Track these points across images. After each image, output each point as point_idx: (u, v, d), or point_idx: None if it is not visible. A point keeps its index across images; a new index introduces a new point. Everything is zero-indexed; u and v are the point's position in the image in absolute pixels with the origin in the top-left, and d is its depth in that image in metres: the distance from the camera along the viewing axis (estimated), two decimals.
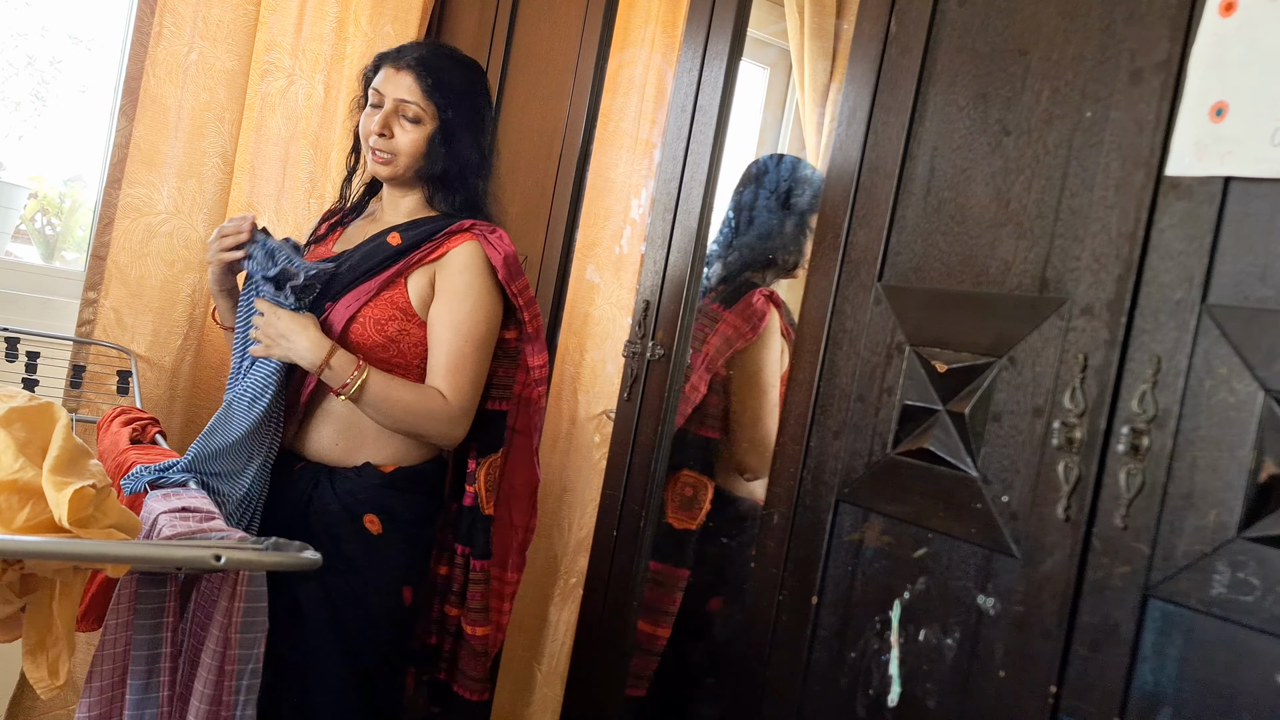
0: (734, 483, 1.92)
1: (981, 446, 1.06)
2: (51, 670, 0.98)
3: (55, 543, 0.91)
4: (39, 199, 2.27)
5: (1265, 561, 0.82)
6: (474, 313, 1.59)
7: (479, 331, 1.59)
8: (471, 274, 1.59)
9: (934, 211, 1.17)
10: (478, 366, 1.59)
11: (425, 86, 1.59)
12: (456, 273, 1.59)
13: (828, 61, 2.18)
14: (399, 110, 1.60)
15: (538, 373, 1.70)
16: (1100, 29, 1.03)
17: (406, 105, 1.59)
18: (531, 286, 1.66)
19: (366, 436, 1.60)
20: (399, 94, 1.60)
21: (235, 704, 1.05)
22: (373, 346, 1.58)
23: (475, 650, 1.70)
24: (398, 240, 1.62)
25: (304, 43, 2.09)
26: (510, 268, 1.61)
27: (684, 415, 1.83)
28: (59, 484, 0.90)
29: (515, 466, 1.72)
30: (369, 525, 1.57)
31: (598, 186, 2.08)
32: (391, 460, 1.62)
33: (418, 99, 1.59)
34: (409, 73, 1.60)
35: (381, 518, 1.58)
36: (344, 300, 1.58)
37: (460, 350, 1.58)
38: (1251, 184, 0.88)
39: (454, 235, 1.61)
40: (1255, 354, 0.85)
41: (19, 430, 0.92)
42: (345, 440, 1.61)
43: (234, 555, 1.02)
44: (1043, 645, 0.98)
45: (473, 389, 1.59)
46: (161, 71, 1.94)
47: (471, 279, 1.59)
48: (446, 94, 1.60)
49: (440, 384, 1.57)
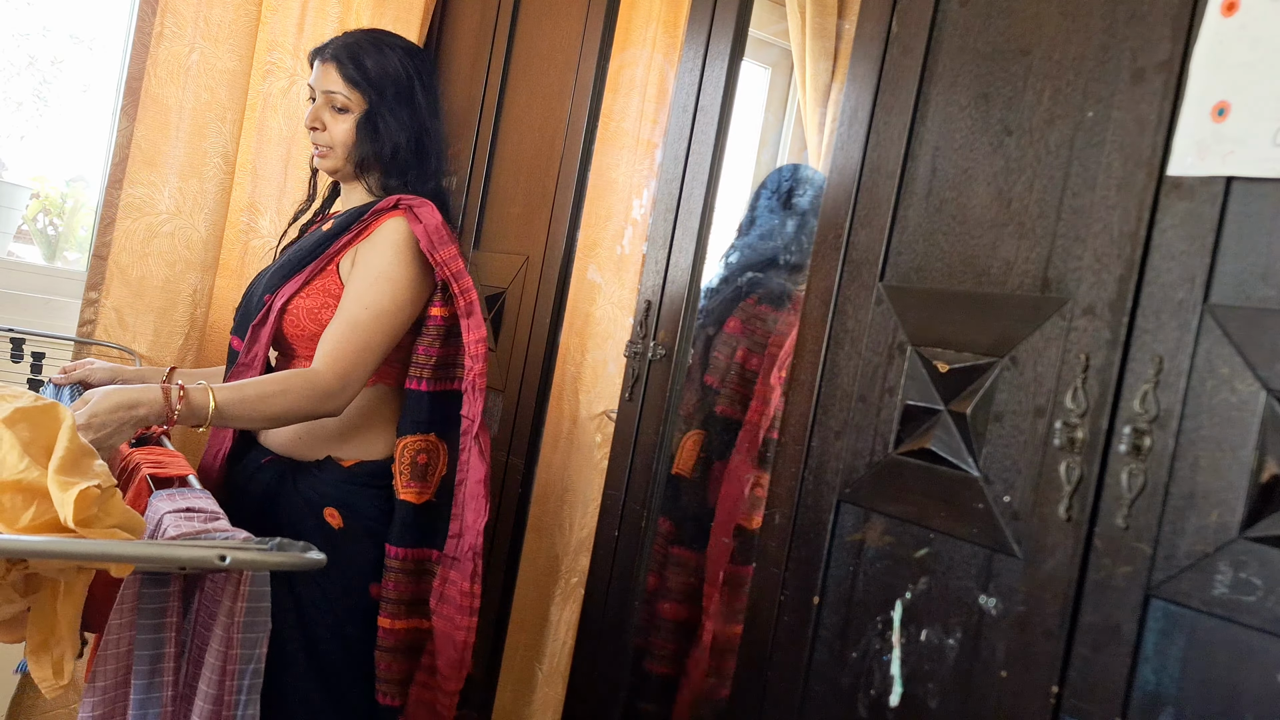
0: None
1: (983, 446, 1.06)
2: (56, 670, 0.98)
3: (59, 542, 0.91)
4: (41, 199, 2.27)
5: (1267, 561, 0.82)
6: (378, 282, 1.53)
7: (382, 303, 1.52)
8: (387, 246, 1.55)
9: (935, 211, 1.17)
10: (367, 337, 1.50)
11: (346, 74, 1.59)
12: (373, 246, 1.56)
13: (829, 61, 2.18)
14: (328, 102, 1.61)
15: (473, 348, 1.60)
16: (1102, 29, 1.03)
17: (332, 96, 1.60)
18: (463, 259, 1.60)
19: (329, 431, 1.59)
20: (324, 85, 1.61)
21: (237, 703, 1.05)
22: (310, 337, 1.56)
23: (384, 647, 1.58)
24: (329, 226, 1.62)
25: (305, 43, 2.09)
26: (433, 236, 1.56)
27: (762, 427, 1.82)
28: (64, 484, 0.90)
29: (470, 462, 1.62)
30: (329, 519, 1.55)
31: (599, 187, 2.08)
32: (353, 455, 1.60)
33: (340, 87, 1.59)
34: (331, 63, 1.60)
35: (342, 512, 1.56)
36: (279, 292, 1.57)
37: (354, 319, 1.50)
38: (1253, 184, 0.88)
39: (381, 214, 1.59)
40: (1257, 354, 0.85)
41: (24, 430, 0.92)
42: (308, 434, 1.59)
43: (239, 555, 1.02)
44: (1044, 645, 0.98)
45: (354, 359, 1.49)
46: (163, 72, 1.94)
47: (385, 250, 1.55)
48: (369, 78, 1.60)
49: (318, 354, 1.50)
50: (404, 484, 1.58)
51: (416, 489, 1.59)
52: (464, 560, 1.59)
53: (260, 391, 1.43)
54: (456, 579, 1.59)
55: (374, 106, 1.61)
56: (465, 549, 1.59)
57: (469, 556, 1.59)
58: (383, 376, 1.62)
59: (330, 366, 1.47)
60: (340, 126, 1.61)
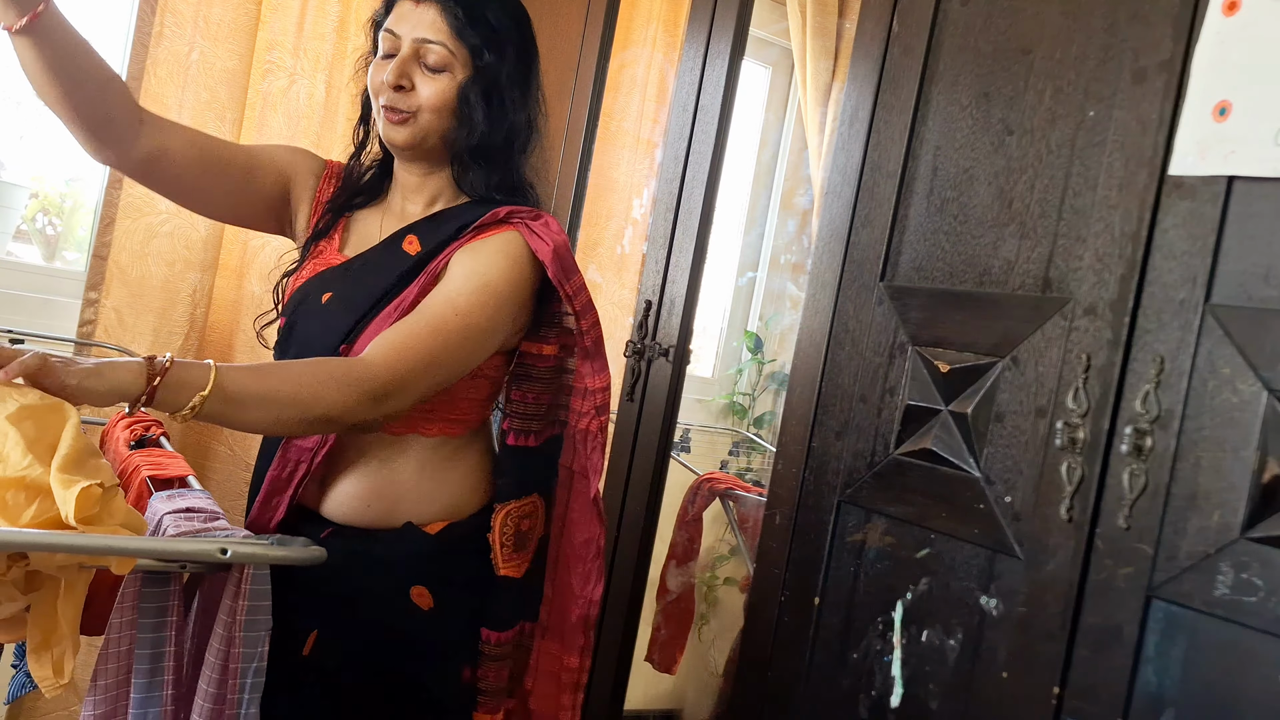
0: None
1: (984, 447, 1.06)
2: (56, 669, 0.98)
3: (60, 536, 0.91)
4: (40, 199, 2.27)
5: (1269, 562, 0.82)
6: (481, 292, 1.19)
7: (478, 316, 1.18)
8: (501, 257, 1.22)
9: (937, 211, 1.17)
10: (445, 347, 1.16)
11: (454, 23, 1.21)
12: (479, 251, 1.23)
13: (830, 61, 2.19)
14: (419, 55, 1.22)
15: (600, 397, 1.31)
16: (1103, 28, 1.03)
17: (429, 47, 1.21)
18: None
19: (403, 489, 1.26)
20: (419, 33, 1.21)
21: (239, 702, 1.06)
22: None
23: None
24: (415, 247, 1.26)
25: (305, 42, 2.08)
26: (563, 261, 1.24)
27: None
28: (66, 482, 0.90)
29: (575, 519, 1.33)
30: (417, 600, 1.25)
31: (599, 186, 2.08)
32: (438, 516, 1.27)
33: (444, 38, 1.21)
34: (433, 5, 1.22)
35: (433, 589, 1.25)
36: (364, 336, 1.22)
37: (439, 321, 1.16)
38: (1255, 183, 0.88)
39: (486, 229, 1.24)
40: (1259, 354, 0.85)
41: (28, 428, 0.92)
42: (376, 496, 1.26)
43: (239, 549, 1.03)
44: (1046, 646, 0.98)
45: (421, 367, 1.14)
46: (162, 71, 1.94)
47: (498, 260, 1.21)
48: (484, 34, 1.22)
49: (373, 346, 1.15)
50: (505, 558, 1.29)
51: (518, 562, 1.31)
52: (572, 633, 1.34)
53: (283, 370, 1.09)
54: (556, 652, 1.35)
55: (484, 72, 1.23)
56: (575, 620, 1.33)
57: (579, 628, 1.34)
58: (472, 420, 1.31)
59: (387, 363, 1.12)
60: (434, 87, 1.22)
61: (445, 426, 1.28)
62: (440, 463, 1.29)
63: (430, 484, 1.27)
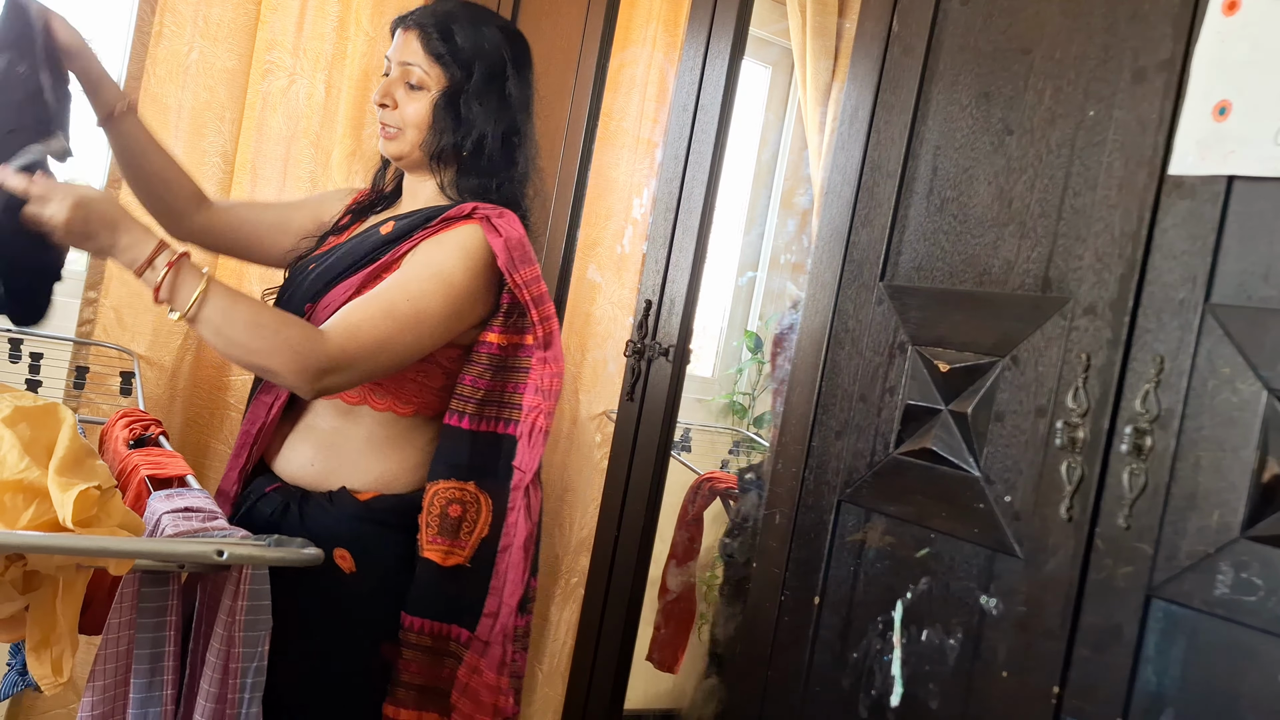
0: None
1: (984, 446, 1.06)
2: (55, 667, 0.98)
3: (58, 537, 0.91)
4: None
5: (1268, 562, 0.82)
6: (433, 280, 1.29)
7: (429, 303, 1.28)
8: (455, 248, 1.32)
9: (936, 211, 1.17)
10: (395, 331, 1.26)
11: (429, 45, 1.36)
12: (439, 244, 1.33)
13: (830, 60, 2.18)
14: (404, 76, 1.38)
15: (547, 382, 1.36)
16: (1103, 28, 1.03)
17: (409, 69, 1.37)
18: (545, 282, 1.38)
19: (347, 457, 1.35)
20: (402, 56, 1.38)
21: (240, 702, 1.05)
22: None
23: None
24: (390, 229, 1.38)
25: (305, 42, 2.08)
26: (514, 252, 1.33)
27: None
28: (64, 484, 0.90)
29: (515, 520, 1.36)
30: (339, 561, 1.30)
31: (599, 186, 2.08)
32: (370, 486, 1.34)
33: (419, 60, 1.36)
34: (414, 31, 1.37)
35: (355, 553, 1.31)
36: (327, 297, 1.34)
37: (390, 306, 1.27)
38: (1255, 183, 0.88)
39: (452, 221, 1.35)
40: (1258, 354, 0.85)
41: (25, 430, 0.92)
42: (323, 461, 1.35)
43: (236, 550, 1.03)
44: (1045, 646, 0.98)
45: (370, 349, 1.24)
46: (162, 71, 1.94)
47: (453, 251, 1.32)
48: (455, 53, 1.36)
49: (333, 320, 1.26)
50: (429, 539, 1.32)
51: (444, 547, 1.32)
52: (494, 644, 1.32)
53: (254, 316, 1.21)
54: (473, 662, 1.32)
55: (456, 87, 1.37)
56: (496, 631, 1.32)
57: (499, 640, 1.32)
58: (422, 405, 1.38)
59: (340, 340, 1.23)
60: (413, 106, 1.37)
61: (393, 404, 1.37)
62: (385, 438, 1.37)
63: (372, 456, 1.36)
